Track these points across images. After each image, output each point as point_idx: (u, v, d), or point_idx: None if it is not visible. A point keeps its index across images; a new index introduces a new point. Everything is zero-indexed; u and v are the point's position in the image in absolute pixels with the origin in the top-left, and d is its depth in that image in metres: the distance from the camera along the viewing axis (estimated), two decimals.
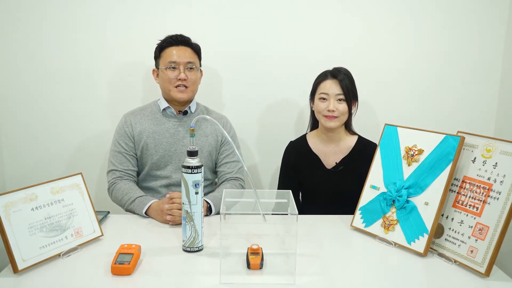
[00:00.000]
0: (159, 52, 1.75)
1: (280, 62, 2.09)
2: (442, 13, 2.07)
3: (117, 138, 1.74)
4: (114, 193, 1.68)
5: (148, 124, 1.74)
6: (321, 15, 2.06)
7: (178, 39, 1.72)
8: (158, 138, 1.73)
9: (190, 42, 1.75)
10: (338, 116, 1.69)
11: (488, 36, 2.09)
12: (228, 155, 1.80)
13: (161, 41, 1.75)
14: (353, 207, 1.49)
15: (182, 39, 1.73)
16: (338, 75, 1.70)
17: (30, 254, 1.15)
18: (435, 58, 2.11)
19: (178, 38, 1.72)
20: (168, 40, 1.73)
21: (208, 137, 1.77)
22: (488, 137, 1.25)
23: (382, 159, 1.45)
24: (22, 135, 2.09)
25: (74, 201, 1.31)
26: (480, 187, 1.22)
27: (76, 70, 2.05)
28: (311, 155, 1.78)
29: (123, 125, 1.75)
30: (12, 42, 2.01)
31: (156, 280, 1.11)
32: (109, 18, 2.01)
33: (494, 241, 1.14)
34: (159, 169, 1.74)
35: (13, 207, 1.16)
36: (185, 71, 1.70)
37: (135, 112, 1.79)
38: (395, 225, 1.35)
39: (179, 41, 1.72)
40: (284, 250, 1.28)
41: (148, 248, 1.27)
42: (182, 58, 1.69)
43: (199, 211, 1.25)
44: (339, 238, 1.41)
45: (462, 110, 2.15)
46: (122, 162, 1.72)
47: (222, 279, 1.10)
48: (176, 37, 1.72)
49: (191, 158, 1.23)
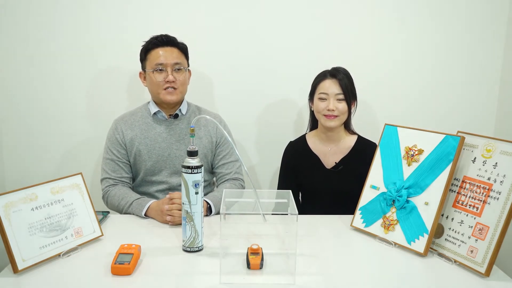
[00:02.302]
0: (144, 54, 1.69)
1: (279, 62, 2.09)
2: (443, 13, 2.07)
3: (109, 146, 1.71)
4: (110, 200, 1.66)
5: (139, 130, 1.71)
6: (320, 14, 2.05)
7: (163, 40, 1.65)
8: (151, 144, 1.70)
9: (176, 42, 1.68)
10: (338, 116, 1.69)
11: (488, 36, 2.09)
12: (225, 156, 1.78)
13: (146, 42, 1.68)
14: (353, 207, 1.49)
15: (168, 39, 1.66)
16: (337, 75, 1.70)
17: (30, 254, 1.15)
18: (435, 58, 2.11)
19: (163, 39, 1.66)
20: (153, 41, 1.66)
21: (202, 139, 1.74)
22: (488, 137, 1.25)
23: (382, 159, 1.45)
24: (22, 135, 2.09)
25: (74, 201, 1.31)
26: (480, 187, 1.22)
27: (76, 71, 2.05)
28: (310, 155, 1.78)
29: (114, 132, 1.71)
30: (12, 42, 2.01)
31: (156, 280, 1.11)
32: (109, 18, 2.01)
33: (494, 241, 1.14)
34: (154, 174, 1.72)
35: (13, 207, 1.16)
36: (173, 72, 1.65)
37: (125, 117, 1.75)
38: (395, 225, 1.35)
39: (165, 42, 1.65)
40: (284, 250, 1.28)
41: (148, 248, 1.27)
42: (169, 59, 1.64)
43: (199, 211, 1.25)
44: (339, 238, 1.41)
45: (462, 110, 2.15)
46: (115, 170, 1.69)
47: (222, 279, 1.10)
48: (161, 37, 1.66)
49: (191, 158, 1.23)
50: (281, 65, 2.09)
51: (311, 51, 2.08)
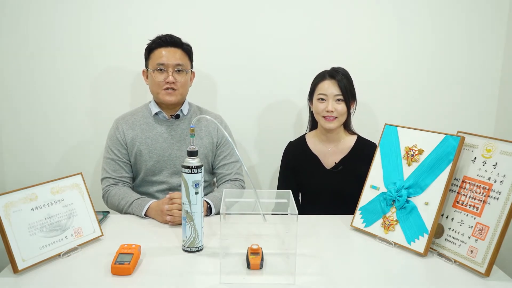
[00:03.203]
0: (148, 53, 1.69)
1: (279, 62, 2.09)
2: (443, 13, 2.07)
3: (110, 145, 1.71)
4: (110, 200, 1.66)
5: (140, 130, 1.71)
6: (320, 15, 2.06)
7: (168, 40, 1.65)
8: (152, 144, 1.70)
9: (180, 43, 1.68)
10: (337, 117, 1.69)
11: (488, 36, 2.09)
12: (225, 157, 1.78)
13: (150, 41, 1.69)
14: (353, 207, 1.49)
15: (172, 40, 1.66)
16: (336, 76, 1.70)
17: (30, 254, 1.15)
18: (435, 58, 2.11)
19: (167, 39, 1.65)
20: (157, 41, 1.66)
21: (203, 139, 1.74)
22: (488, 137, 1.25)
23: (382, 159, 1.45)
24: (22, 135, 2.09)
25: (74, 201, 1.31)
26: (480, 187, 1.22)
27: (76, 70, 2.05)
28: (310, 156, 1.78)
29: (114, 131, 1.71)
30: (12, 42, 2.01)
31: (156, 280, 1.11)
32: (109, 19, 2.01)
33: (494, 241, 1.14)
34: (155, 174, 1.72)
35: (13, 207, 1.16)
36: (174, 73, 1.64)
37: (126, 117, 1.75)
38: (395, 225, 1.35)
39: (169, 42, 1.65)
40: (284, 250, 1.28)
41: (148, 248, 1.27)
42: (171, 60, 1.64)
43: (199, 211, 1.25)
44: (339, 238, 1.41)
45: (462, 110, 2.16)
46: (116, 170, 1.70)
47: (222, 279, 1.10)
48: (166, 37, 1.65)
49: (191, 158, 1.24)
50: (280, 65, 2.09)
51: (311, 51, 2.08)
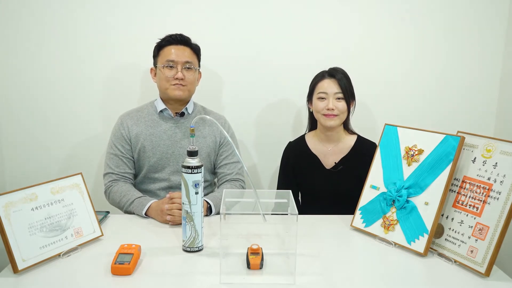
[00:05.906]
0: (157, 50, 1.73)
1: (279, 63, 2.09)
2: (442, 13, 2.07)
3: (114, 140, 1.73)
4: (112, 196, 1.67)
5: (144, 126, 1.73)
6: (320, 15, 2.06)
7: (178, 39, 1.71)
8: (155, 140, 1.72)
9: (189, 42, 1.73)
10: (337, 115, 1.70)
11: (488, 36, 2.09)
12: (227, 157, 1.79)
13: (160, 39, 1.73)
14: (353, 207, 1.49)
15: (182, 38, 1.71)
16: (336, 74, 1.70)
17: (30, 254, 1.15)
18: (435, 58, 2.11)
19: (177, 38, 1.71)
20: (167, 39, 1.71)
21: (206, 138, 1.76)
22: (488, 137, 1.25)
23: (382, 159, 1.45)
24: (22, 135, 2.09)
25: (74, 201, 1.31)
26: (480, 187, 1.22)
27: (76, 70, 2.05)
28: (310, 156, 1.78)
29: (119, 127, 1.73)
30: (12, 42, 2.01)
31: (156, 280, 1.11)
32: (108, 19, 2.01)
33: (494, 241, 1.14)
34: (157, 171, 1.73)
35: (13, 207, 1.16)
36: (183, 70, 1.68)
37: (131, 113, 1.77)
38: (395, 225, 1.35)
39: (179, 41, 1.71)
40: (284, 250, 1.28)
41: (148, 248, 1.27)
42: (180, 58, 1.68)
43: (199, 211, 1.25)
44: (339, 238, 1.41)
45: (462, 110, 2.16)
46: (119, 165, 1.71)
47: (222, 279, 1.10)
48: (176, 36, 1.71)
49: (191, 158, 1.23)
50: (280, 65, 2.09)
51: (312, 53, 2.08)
